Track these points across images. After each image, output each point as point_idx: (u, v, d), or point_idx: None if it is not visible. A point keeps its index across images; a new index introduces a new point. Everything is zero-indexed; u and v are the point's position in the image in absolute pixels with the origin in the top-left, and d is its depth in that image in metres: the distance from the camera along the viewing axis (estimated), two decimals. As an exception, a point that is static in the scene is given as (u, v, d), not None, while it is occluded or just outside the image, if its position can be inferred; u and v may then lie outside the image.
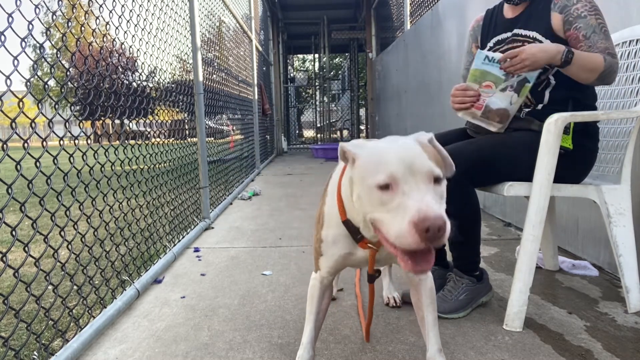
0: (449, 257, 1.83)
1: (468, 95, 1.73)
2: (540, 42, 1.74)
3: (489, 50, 1.89)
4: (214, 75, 4.12)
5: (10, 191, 1.26)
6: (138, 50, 2.29)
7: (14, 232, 1.25)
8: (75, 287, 1.65)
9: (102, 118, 2.03)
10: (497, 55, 1.66)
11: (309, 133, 17.93)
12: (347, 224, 1.15)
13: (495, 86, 1.69)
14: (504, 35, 1.86)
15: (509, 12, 1.89)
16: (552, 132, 1.58)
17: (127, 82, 2.36)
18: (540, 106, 1.76)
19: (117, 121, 2.06)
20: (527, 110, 1.78)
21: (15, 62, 1.26)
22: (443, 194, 0.95)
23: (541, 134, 1.64)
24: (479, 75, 1.70)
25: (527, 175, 1.66)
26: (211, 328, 1.66)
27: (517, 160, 1.68)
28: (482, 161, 1.65)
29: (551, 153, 1.58)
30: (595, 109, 1.78)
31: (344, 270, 1.57)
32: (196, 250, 2.70)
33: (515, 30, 1.82)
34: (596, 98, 1.80)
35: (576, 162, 1.71)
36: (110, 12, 1.95)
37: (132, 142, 2.27)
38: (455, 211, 1.53)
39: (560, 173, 1.63)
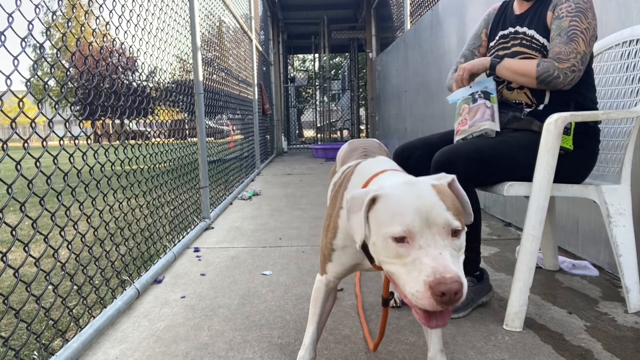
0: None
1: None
2: (538, 40, 1.75)
3: (495, 43, 1.94)
4: (214, 75, 4.12)
5: (10, 191, 1.26)
6: (138, 50, 2.29)
7: (14, 232, 1.25)
8: (75, 287, 1.65)
9: (102, 118, 2.03)
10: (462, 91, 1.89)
11: (309, 133, 17.94)
12: (365, 249, 1.12)
13: (467, 105, 1.86)
14: (506, 32, 1.89)
15: (517, 7, 1.91)
16: (552, 132, 1.58)
17: (127, 82, 2.36)
18: (541, 106, 1.76)
19: (117, 121, 2.06)
20: (528, 110, 1.78)
21: (15, 62, 1.26)
22: (462, 245, 0.92)
23: (540, 135, 1.64)
24: (457, 111, 1.91)
25: (526, 175, 1.66)
26: (211, 328, 1.66)
27: (517, 160, 1.68)
28: (481, 161, 1.65)
29: (551, 153, 1.58)
30: (596, 109, 1.78)
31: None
32: (196, 250, 2.70)
33: (517, 28, 1.84)
34: (597, 102, 1.80)
35: (576, 163, 1.71)
36: (110, 12, 1.95)
37: (132, 142, 2.27)
38: None
39: (560, 174, 1.63)
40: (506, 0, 2.03)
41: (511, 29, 1.87)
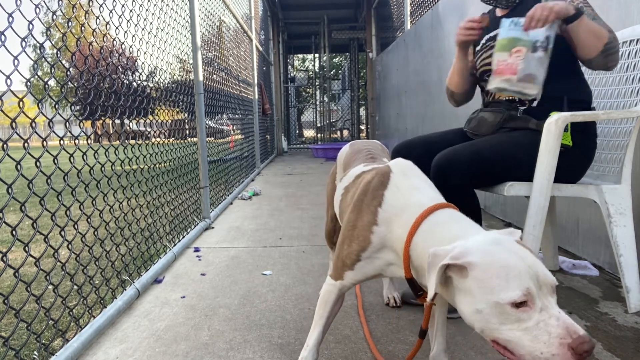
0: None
1: (470, 27, 1.78)
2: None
3: (481, 47, 1.91)
4: (214, 75, 4.12)
5: (10, 191, 1.26)
6: (138, 50, 2.29)
7: (14, 232, 1.25)
8: (75, 287, 1.65)
9: (102, 118, 2.03)
10: (522, 20, 1.62)
11: (309, 133, 17.93)
12: (411, 282, 1.11)
13: (525, 49, 1.62)
14: (494, 32, 1.88)
15: (499, 12, 1.93)
16: (553, 132, 1.58)
17: (127, 82, 2.36)
18: (535, 103, 1.76)
19: (117, 121, 2.06)
20: (522, 108, 1.78)
21: (15, 62, 1.26)
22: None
23: (539, 133, 1.64)
24: (507, 43, 1.64)
25: (527, 174, 1.66)
26: (211, 328, 1.66)
27: (516, 160, 1.68)
28: (481, 163, 1.65)
29: (551, 153, 1.58)
30: (590, 104, 1.78)
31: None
32: (196, 250, 2.70)
33: None
34: (591, 95, 1.80)
35: (575, 160, 1.71)
36: (111, 12, 1.94)
37: (132, 142, 2.27)
38: None
39: (559, 171, 1.63)
40: (485, 12, 2.04)
41: (496, 30, 1.86)
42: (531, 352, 0.84)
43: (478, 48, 1.94)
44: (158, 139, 2.65)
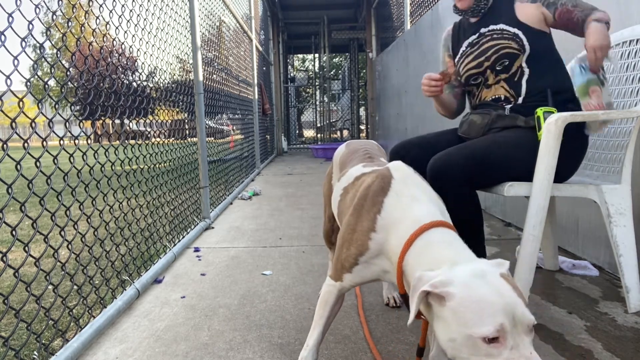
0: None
1: (433, 85, 1.86)
2: (509, 31, 1.78)
3: (461, 55, 1.94)
4: (214, 75, 4.12)
5: (10, 191, 1.26)
6: (138, 50, 2.29)
7: (14, 232, 1.25)
8: (75, 287, 1.65)
9: (102, 118, 2.03)
10: (586, 63, 1.74)
11: (309, 133, 17.93)
12: (405, 298, 1.11)
13: (599, 87, 1.74)
14: (472, 38, 1.91)
15: (472, 18, 1.95)
16: (552, 132, 1.58)
17: (127, 82, 2.36)
18: (520, 99, 1.77)
19: (117, 121, 2.06)
20: (509, 106, 1.78)
21: (15, 62, 1.26)
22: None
23: (529, 130, 1.68)
24: (584, 88, 1.77)
25: (523, 172, 1.66)
26: (211, 328, 1.66)
27: (511, 159, 1.68)
28: (476, 165, 1.64)
29: (551, 153, 1.58)
30: (574, 94, 1.78)
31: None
32: (196, 250, 2.70)
33: (481, 30, 1.87)
34: (572, 85, 1.80)
35: (569, 152, 1.71)
36: (110, 12, 1.94)
37: (132, 142, 2.27)
38: (459, 216, 1.54)
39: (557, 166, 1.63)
40: (456, 21, 2.07)
41: (474, 36, 1.90)
42: None
43: (458, 57, 1.97)
44: (158, 139, 2.65)
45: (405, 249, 1.08)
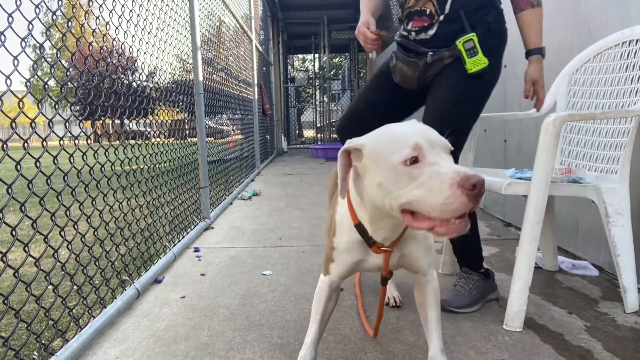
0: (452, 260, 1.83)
1: (369, 43, 1.87)
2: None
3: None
4: (214, 75, 4.12)
5: (10, 191, 1.26)
6: (138, 50, 2.29)
7: (14, 232, 1.25)
8: (75, 287, 1.65)
9: (102, 118, 2.03)
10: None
11: (309, 133, 17.93)
12: (360, 227, 1.15)
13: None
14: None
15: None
16: (550, 132, 1.58)
17: (127, 82, 2.36)
18: (441, 17, 1.69)
19: (117, 121, 2.06)
20: (430, 53, 1.71)
21: (15, 62, 1.27)
22: None
23: (459, 60, 1.64)
24: None
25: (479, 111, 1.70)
26: (211, 328, 1.66)
27: (471, 106, 1.68)
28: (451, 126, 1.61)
29: (549, 152, 1.58)
30: (502, 16, 1.73)
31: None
32: (196, 250, 2.70)
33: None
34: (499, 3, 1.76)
35: (488, 81, 1.71)
36: (110, 12, 1.95)
37: (132, 142, 2.27)
38: None
39: (473, 98, 1.67)
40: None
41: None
42: (431, 205, 0.87)
43: None
44: (158, 139, 2.65)
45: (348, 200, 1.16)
